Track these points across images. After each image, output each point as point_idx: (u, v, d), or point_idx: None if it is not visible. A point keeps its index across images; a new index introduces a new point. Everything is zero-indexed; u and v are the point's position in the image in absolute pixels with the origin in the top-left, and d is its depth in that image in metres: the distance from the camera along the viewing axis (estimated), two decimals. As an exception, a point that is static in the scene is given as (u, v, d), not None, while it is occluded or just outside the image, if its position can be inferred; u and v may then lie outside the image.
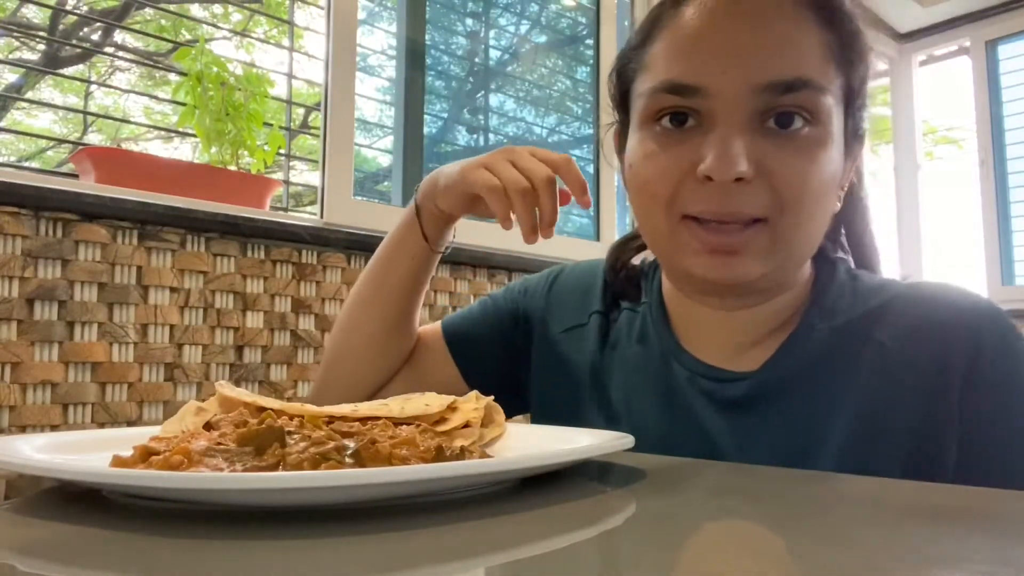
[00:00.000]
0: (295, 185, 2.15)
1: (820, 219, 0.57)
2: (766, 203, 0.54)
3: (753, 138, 0.53)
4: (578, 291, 0.76)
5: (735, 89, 0.53)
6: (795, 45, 0.54)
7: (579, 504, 0.36)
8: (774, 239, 0.55)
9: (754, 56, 0.53)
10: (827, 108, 0.54)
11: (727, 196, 0.53)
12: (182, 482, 0.31)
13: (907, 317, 0.59)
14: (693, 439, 0.62)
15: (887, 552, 0.28)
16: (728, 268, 0.55)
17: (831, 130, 0.55)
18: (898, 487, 0.44)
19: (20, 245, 1.10)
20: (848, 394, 0.57)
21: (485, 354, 0.77)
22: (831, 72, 0.55)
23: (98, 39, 2.78)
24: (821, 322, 0.61)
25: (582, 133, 2.29)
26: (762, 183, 0.53)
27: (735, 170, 0.52)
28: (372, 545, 0.28)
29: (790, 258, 0.57)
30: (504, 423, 0.53)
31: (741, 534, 0.32)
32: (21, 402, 1.08)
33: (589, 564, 0.26)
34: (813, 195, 0.54)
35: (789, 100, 0.53)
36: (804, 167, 0.54)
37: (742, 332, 0.63)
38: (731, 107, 0.53)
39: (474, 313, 0.79)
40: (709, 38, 0.54)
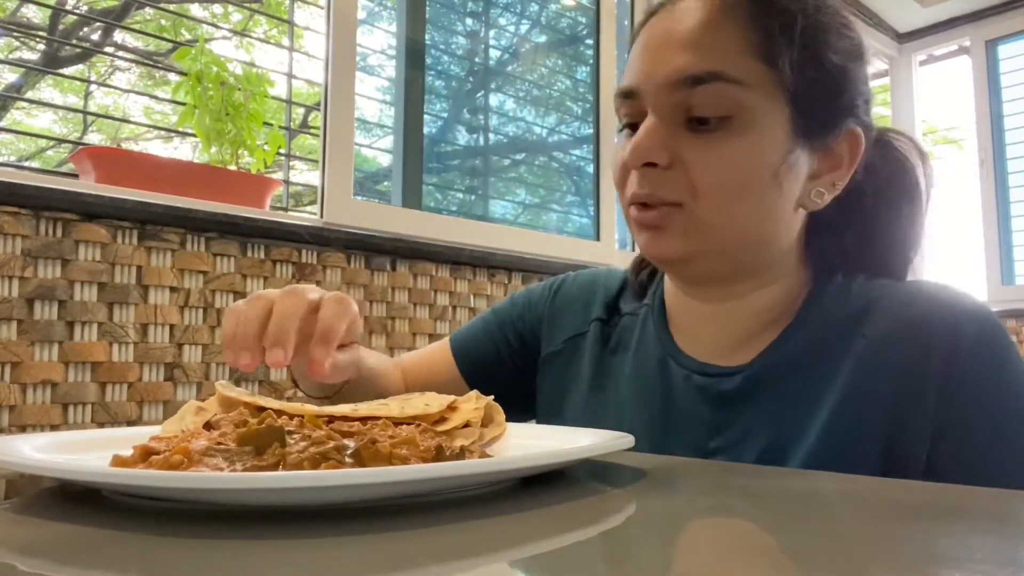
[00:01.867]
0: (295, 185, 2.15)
1: (746, 207, 0.59)
2: (680, 190, 0.58)
3: (674, 131, 0.59)
4: (580, 301, 0.78)
5: (654, 86, 0.59)
6: (708, 42, 0.58)
7: (579, 504, 0.36)
8: (692, 222, 0.59)
9: (668, 55, 0.59)
10: (744, 101, 0.57)
11: (643, 181, 0.59)
12: (182, 482, 0.31)
13: (892, 314, 0.60)
14: (688, 435, 0.64)
15: (887, 552, 0.28)
16: (653, 243, 0.61)
17: (752, 122, 0.57)
18: (898, 487, 0.44)
19: (20, 245, 1.10)
20: (830, 387, 0.59)
21: (495, 370, 0.79)
22: (752, 67, 0.57)
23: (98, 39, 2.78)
24: (812, 319, 0.62)
25: (582, 133, 2.30)
26: (679, 171, 0.58)
27: (641, 156, 0.58)
28: (372, 545, 0.28)
29: (718, 243, 0.60)
30: (504, 423, 0.53)
31: (741, 534, 0.32)
32: (21, 402, 1.08)
33: (589, 564, 0.26)
34: (726, 184, 0.58)
35: (701, 93, 0.57)
36: (717, 157, 0.58)
37: (732, 326, 0.65)
38: (653, 104, 0.59)
39: (479, 330, 0.82)
40: (645, 48, 0.61)
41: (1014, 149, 2.92)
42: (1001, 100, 2.95)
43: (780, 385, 0.61)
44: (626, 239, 2.33)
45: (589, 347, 0.73)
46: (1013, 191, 2.91)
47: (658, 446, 0.65)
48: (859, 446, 0.56)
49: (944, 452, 0.55)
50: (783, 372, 0.61)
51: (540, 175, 2.34)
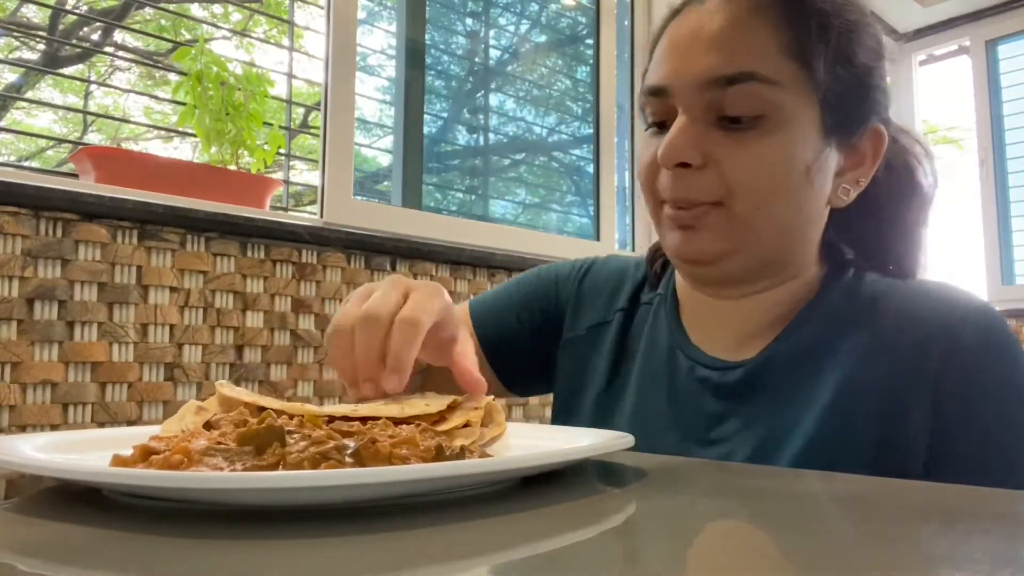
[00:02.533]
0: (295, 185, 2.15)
1: (781, 204, 0.59)
2: (715, 189, 0.58)
3: (707, 130, 0.58)
4: (607, 288, 0.77)
5: (686, 85, 0.59)
6: (742, 41, 0.58)
7: (579, 504, 0.36)
8: (729, 219, 0.59)
9: (701, 54, 0.58)
10: (777, 100, 0.57)
11: (680, 182, 0.59)
12: (182, 482, 0.31)
13: (893, 310, 0.60)
14: (689, 426, 0.64)
15: (886, 552, 0.28)
16: (689, 242, 0.60)
17: (785, 121, 0.58)
18: (897, 487, 0.44)
19: (20, 245, 1.10)
20: (828, 381, 0.59)
21: (514, 342, 0.78)
22: (786, 66, 0.58)
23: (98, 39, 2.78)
24: (815, 315, 0.63)
25: (582, 133, 2.29)
26: (713, 171, 0.58)
27: (676, 156, 0.58)
28: (372, 545, 0.28)
29: (752, 240, 0.60)
30: (504, 423, 0.52)
31: (741, 534, 0.32)
32: (21, 402, 1.08)
33: (589, 564, 0.26)
34: (761, 182, 0.58)
35: (736, 93, 0.57)
36: (751, 157, 0.58)
37: (744, 322, 0.65)
38: (685, 103, 0.59)
39: (501, 300, 0.80)
40: (677, 45, 0.61)
41: (1014, 149, 2.92)
42: (1001, 100, 2.95)
43: (780, 379, 0.61)
44: (626, 239, 2.33)
45: (612, 337, 0.73)
46: (1013, 191, 2.90)
47: (660, 435, 0.65)
48: (853, 438, 0.56)
49: (944, 448, 0.55)
50: (783, 366, 0.61)
51: (540, 175, 2.34)
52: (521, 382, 0.81)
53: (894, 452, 0.56)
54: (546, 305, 0.79)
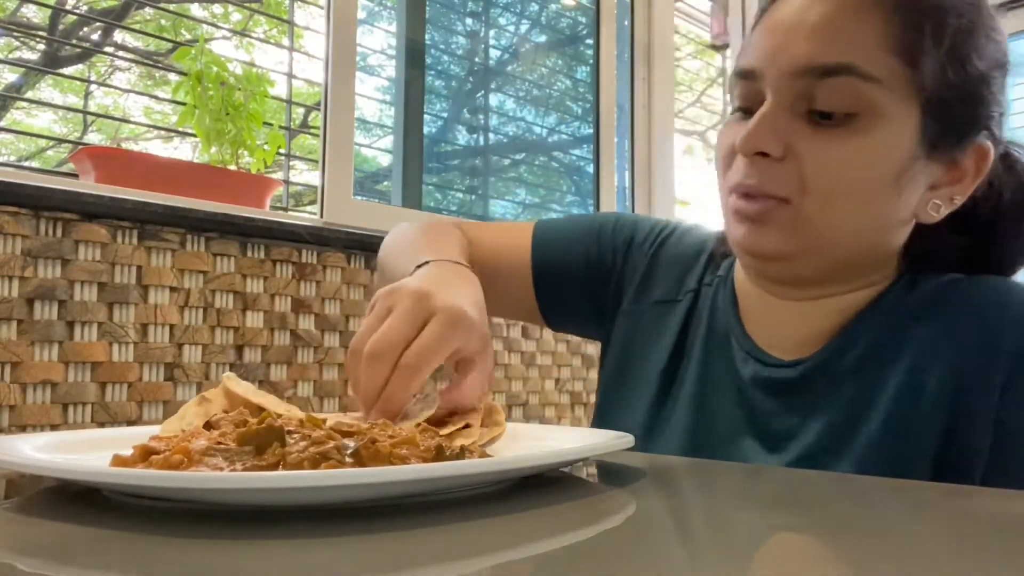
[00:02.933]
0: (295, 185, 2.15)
1: (857, 210, 0.56)
2: (789, 184, 0.55)
3: (793, 121, 0.55)
4: (682, 262, 0.74)
5: (778, 71, 0.55)
6: (844, 32, 0.54)
7: (579, 504, 0.36)
8: (796, 218, 0.55)
9: (799, 40, 0.55)
10: (876, 99, 0.53)
11: (754, 170, 0.56)
12: (182, 482, 0.31)
13: (959, 307, 0.58)
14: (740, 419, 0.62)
15: (887, 551, 0.28)
16: (751, 236, 0.57)
17: (880, 122, 0.54)
18: (897, 486, 0.44)
19: (20, 245, 1.10)
20: (890, 379, 0.57)
21: (564, 278, 0.76)
22: (890, 64, 0.54)
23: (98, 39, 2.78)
24: (877, 312, 0.60)
25: (582, 133, 2.29)
26: (791, 165, 0.55)
27: (755, 144, 0.55)
28: (372, 545, 0.28)
29: (820, 243, 0.57)
30: (504, 423, 0.52)
31: (740, 534, 0.32)
32: (21, 402, 1.08)
33: (589, 564, 0.26)
34: (841, 183, 0.55)
35: (830, 84, 0.53)
36: (835, 154, 0.54)
37: (809, 324, 0.62)
38: (775, 89, 0.55)
39: (570, 233, 0.77)
40: (772, 29, 0.57)
41: (1014, 149, 2.91)
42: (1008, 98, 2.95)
43: (838, 378, 0.59)
44: (626, 239, 2.33)
45: (679, 317, 0.70)
46: (1013, 191, 2.90)
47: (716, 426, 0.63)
48: (917, 438, 0.55)
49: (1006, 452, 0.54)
50: (843, 365, 0.59)
51: (540, 175, 2.34)
52: (559, 317, 0.79)
53: (955, 454, 0.54)
54: (611, 258, 0.76)
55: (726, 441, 0.63)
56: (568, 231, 0.78)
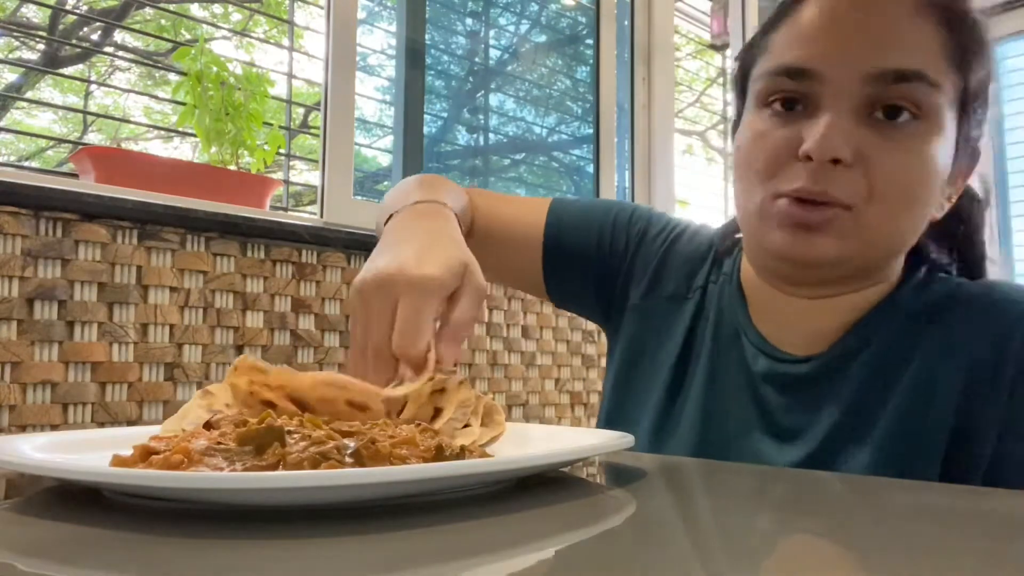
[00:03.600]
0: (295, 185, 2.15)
1: (913, 216, 0.57)
2: (858, 190, 0.55)
3: (858, 126, 0.55)
4: (692, 261, 0.74)
5: (846, 75, 0.54)
6: (910, 38, 0.55)
7: (579, 504, 0.36)
8: (857, 225, 0.55)
9: (868, 45, 0.54)
10: (937, 105, 0.55)
11: (822, 176, 0.54)
12: (182, 482, 0.31)
13: (967, 307, 0.60)
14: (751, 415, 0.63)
15: (885, 551, 0.28)
16: (806, 244, 0.56)
17: (939, 128, 0.55)
18: (898, 486, 0.44)
19: (20, 245, 1.10)
20: (901, 377, 0.58)
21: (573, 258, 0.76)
22: (946, 71, 0.55)
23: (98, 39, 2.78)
24: (888, 313, 0.61)
25: (582, 133, 2.29)
26: (859, 170, 0.54)
27: (833, 151, 0.53)
28: (372, 545, 0.28)
29: (872, 248, 0.57)
30: (504, 423, 0.52)
31: (740, 534, 0.32)
32: (21, 402, 1.08)
33: (589, 564, 0.26)
34: (908, 189, 0.55)
35: (898, 91, 0.54)
36: (903, 160, 0.55)
37: (818, 321, 0.63)
38: (840, 93, 0.55)
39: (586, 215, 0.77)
40: (827, 26, 0.56)
41: (1014, 149, 2.92)
42: (1001, 100, 2.95)
43: (851, 376, 0.60)
44: (626, 239, 2.33)
45: (688, 314, 0.71)
46: (1013, 191, 2.90)
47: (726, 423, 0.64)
48: (928, 435, 0.56)
49: (1010, 450, 0.55)
50: (855, 362, 0.60)
51: (540, 175, 2.34)
52: (562, 295, 0.79)
53: (964, 450, 0.55)
54: (623, 249, 0.76)
55: (737, 437, 0.63)
56: (584, 213, 0.77)
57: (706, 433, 0.65)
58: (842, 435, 0.58)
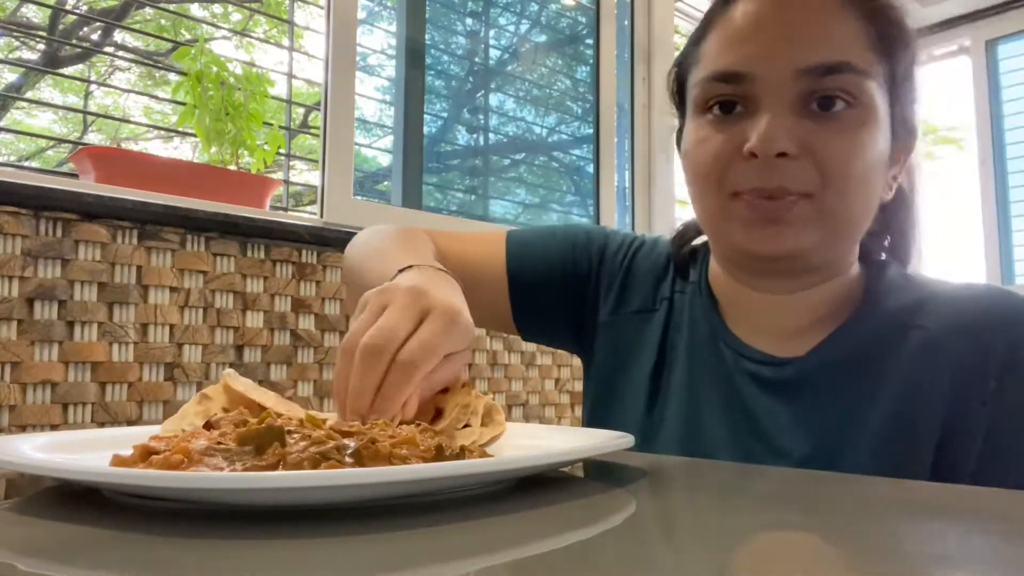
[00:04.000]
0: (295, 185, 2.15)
1: (865, 198, 0.59)
2: (811, 179, 0.57)
3: (798, 119, 0.57)
4: (655, 272, 0.75)
5: (779, 74, 0.57)
6: (835, 32, 0.58)
7: (579, 504, 0.36)
8: (819, 212, 0.58)
9: (797, 43, 0.58)
10: (869, 91, 0.58)
11: (772, 172, 0.57)
12: (182, 482, 0.31)
13: (951, 310, 0.61)
14: (743, 418, 0.63)
15: (887, 551, 0.28)
16: (775, 239, 0.58)
17: (874, 113, 0.58)
18: (898, 486, 0.44)
19: (20, 245, 1.10)
20: (888, 381, 0.59)
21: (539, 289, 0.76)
22: (873, 59, 0.58)
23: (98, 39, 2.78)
24: (869, 315, 0.63)
25: (582, 133, 2.29)
26: (806, 161, 0.57)
27: (777, 145, 0.56)
28: (372, 545, 0.28)
29: (836, 233, 0.59)
30: (504, 423, 0.52)
31: (740, 534, 0.32)
32: (21, 402, 1.08)
33: (589, 564, 0.26)
34: (856, 172, 0.57)
35: (830, 83, 0.57)
36: (846, 145, 0.57)
37: (789, 318, 0.65)
38: (775, 91, 0.57)
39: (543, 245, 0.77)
40: (755, 29, 0.59)
41: (1014, 149, 2.92)
42: (1001, 100, 2.95)
43: (834, 378, 0.61)
44: (626, 239, 2.33)
45: (658, 325, 0.72)
46: (1013, 191, 2.90)
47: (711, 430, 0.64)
48: (918, 441, 0.57)
49: (995, 451, 0.56)
50: (838, 366, 0.61)
51: (540, 175, 2.34)
52: (532, 326, 0.79)
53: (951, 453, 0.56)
54: (585, 271, 0.77)
55: (723, 446, 0.63)
56: (541, 242, 0.78)
57: (689, 446, 0.65)
58: (830, 440, 0.59)
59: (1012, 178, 2.91)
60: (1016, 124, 2.92)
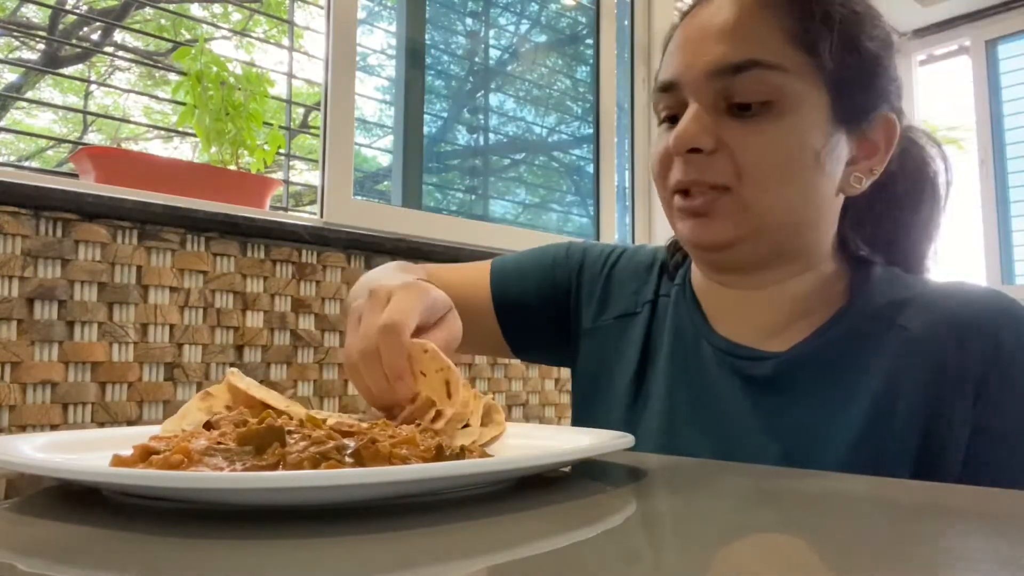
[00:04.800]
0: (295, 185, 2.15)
1: (790, 188, 0.60)
2: (725, 173, 0.59)
3: (719, 118, 0.60)
4: (637, 277, 0.78)
5: (694, 77, 0.61)
6: (747, 32, 0.60)
7: (579, 504, 0.36)
8: (739, 205, 0.60)
9: (708, 46, 0.60)
10: (784, 85, 0.59)
11: (690, 167, 0.61)
12: (182, 482, 0.31)
13: (934, 309, 0.61)
14: (719, 418, 0.64)
15: (887, 552, 0.28)
16: (701, 228, 0.61)
17: (794, 107, 0.59)
18: (898, 486, 0.44)
19: (20, 245, 1.10)
20: (869, 377, 0.59)
21: (527, 309, 0.79)
22: (790, 54, 0.59)
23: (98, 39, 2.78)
24: (852, 310, 0.63)
25: (582, 133, 2.29)
26: (723, 156, 0.60)
27: (686, 141, 0.59)
28: (372, 545, 0.28)
29: (762, 225, 0.61)
30: (504, 423, 0.52)
31: (740, 534, 0.32)
32: (21, 402, 1.08)
33: (589, 564, 0.26)
34: (770, 164, 0.59)
35: (743, 80, 0.59)
36: (762, 140, 0.59)
37: (764, 314, 0.66)
38: (695, 94, 0.61)
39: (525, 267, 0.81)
40: (683, 42, 0.63)
41: (1014, 149, 2.92)
42: (1001, 100, 2.95)
43: (814, 375, 0.61)
44: (626, 239, 2.33)
45: (640, 328, 0.73)
46: (1013, 191, 2.90)
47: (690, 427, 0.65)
48: (898, 437, 0.57)
49: (981, 451, 0.56)
50: (818, 363, 0.62)
51: (540, 175, 2.34)
52: (526, 349, 0.82)
53: (935, 451, 0.56)
54: (566, 285, 0.79)
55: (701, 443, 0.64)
56: (523, 265, 0.81)
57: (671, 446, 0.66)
58: (810, 437, 0.59)
59: (1012, 178, 2.91)
60: (1016, 124, 2.92)
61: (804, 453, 0.59)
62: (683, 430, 0.65)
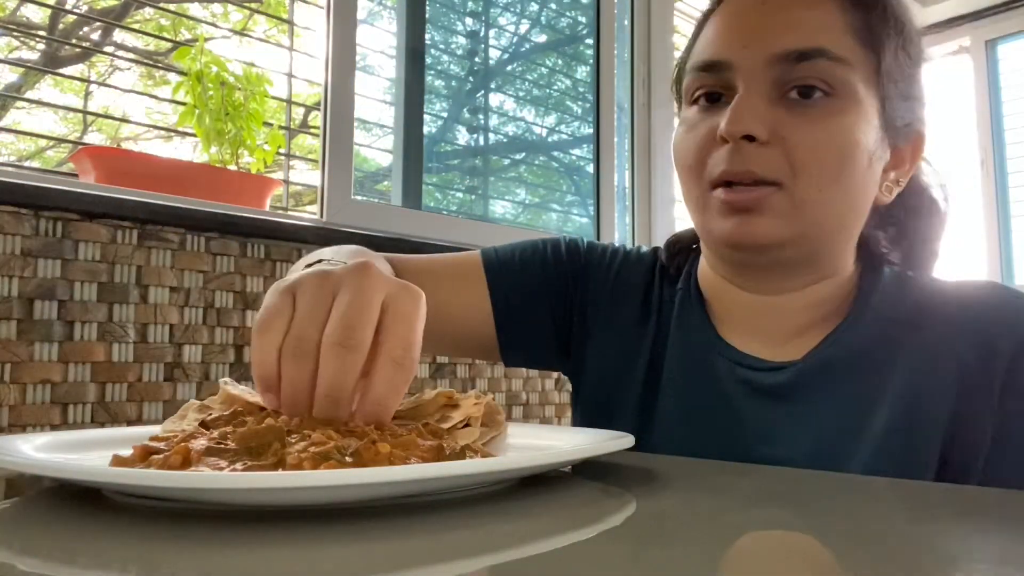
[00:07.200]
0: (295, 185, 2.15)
1: (843, 189, 0.57)
2: (780, 167, 0.56)
3: (773, 107, 0.57)
4: (640, 285, 0.73)
5: (753, 60, 0.57)
6: (811, 19, 0.57)
7: (579, 504, 0.36)
8: (791, 203, 0.56)
9: (771, 30, 0.57)
10: (847, 80, 0.56)
11: (740, 156, 0.56)
12: (182, 482, 0.31)
13: (954, 310, 0.60)
14: (735, 428, 0.62)
15: (887, 552, 0.28)
16: (747, 226, 0.57)
17: (854, 103, 0.57)
18: (898, 487, 0.44)
19: (20, 244, 1.10)
20: (890, 382, 0.58)
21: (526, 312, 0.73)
22: (854, 48, 0.57)
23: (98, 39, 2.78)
24: (866, 314, 0.61)
25: (582, 133, 2.29)
26: (777, 148, 0.56)
27: (742, 127, 0.55)
28: (372, 545, 0.28)
29: (811, 226, 0.58)
30: (504, 423, 0.52)
31: (740, 534, 0.32)
32: (21, 401, 1.08)
33: (589, 564, 0.26)
34: (828, 161, 0.56)
35: (805, 69, 0.56)
36: (818, 135, 0.56)
37: (782, 321, 0.63)
38: (750, 78, 0.57)
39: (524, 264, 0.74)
40: (737, 21, 0.60)
41: (1014, 149, 2.92)
42: (1001, 100, 2.95)
43: (834, 381, 0.60)
44: (626, 239, 2.33)
45: (649, 336, 0.70)
46: (1013, 191, 2.90)
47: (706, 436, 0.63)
48: (922, 442, 0.56)
49: (1004, 454, 0.55)
50: (837, 369, 0.60)
51: (540, 175, 2.34)
52: (515, 348, 0.75)
53: (958, 455, 0.56)
54: (571, 281, 0.74)
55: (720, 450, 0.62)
56: (522, 257, 0.75)
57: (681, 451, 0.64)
58: (830, 446, 0.58)
59: (1012, 178, 2.91)
60: (1016, 124, 2.92)
61: (829, 460, 0.57)
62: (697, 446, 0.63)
